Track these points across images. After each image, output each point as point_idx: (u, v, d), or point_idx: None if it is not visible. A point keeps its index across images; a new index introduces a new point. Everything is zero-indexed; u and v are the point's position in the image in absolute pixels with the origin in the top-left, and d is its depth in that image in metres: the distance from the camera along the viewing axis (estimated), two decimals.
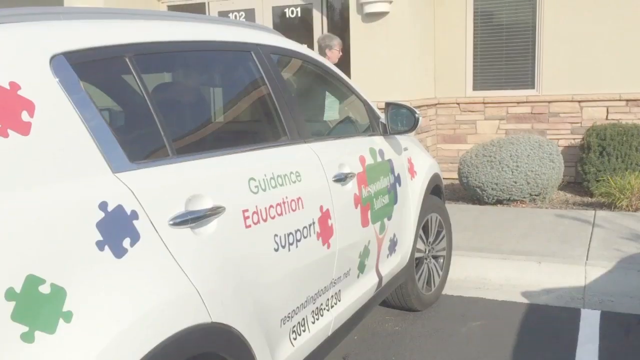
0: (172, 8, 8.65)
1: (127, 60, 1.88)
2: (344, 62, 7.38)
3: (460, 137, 7.75)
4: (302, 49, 3.04)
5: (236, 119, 2.71)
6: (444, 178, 4.44)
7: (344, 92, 3.44)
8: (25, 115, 1.48)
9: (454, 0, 7.53)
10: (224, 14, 8.39)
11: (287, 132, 2.56)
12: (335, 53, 5.89)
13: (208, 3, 8.45)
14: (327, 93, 3.74)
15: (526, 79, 7.42)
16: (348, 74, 7.00)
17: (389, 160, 3.35)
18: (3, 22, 1.61)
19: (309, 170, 2.53)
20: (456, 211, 5.77)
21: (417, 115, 3.34)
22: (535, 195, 6.14)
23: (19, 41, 1.58)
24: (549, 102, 7.23)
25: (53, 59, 1.63)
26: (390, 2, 6.67)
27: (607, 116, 7.05)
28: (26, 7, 1.73)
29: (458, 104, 7.69)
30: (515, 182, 6.01)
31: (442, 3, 7.60)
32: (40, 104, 1.53)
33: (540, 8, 7.18)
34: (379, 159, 3.21)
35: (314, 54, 3.18)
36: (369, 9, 6.69)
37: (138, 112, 1.95)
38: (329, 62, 3.31)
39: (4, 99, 1.46)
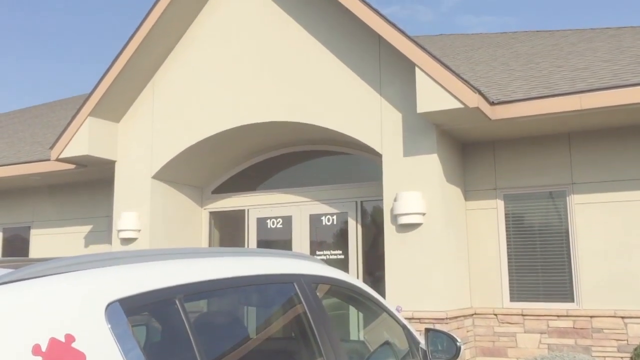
0: (214, 214, 9.08)
1: (177, 300, 1.93)
2: (378, 269, 7.44)
3: (500, 350, 7.44)
4: (342, 275, 3.09)
5: (278, 352, 2.68)
6: None
7: (384, 317, 3.41)
8: None
9: (486, 211, 7.73)
10: (262, 221, 8.74)
11: None
12: None
13: (248, 210, 8.86)
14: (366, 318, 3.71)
15: (565, 291, 7.27)
16: (382, 281, 7.01)
17: None
18: (66, 271, 1.70)
19: None
20: None
21: (458, 344, 3.26)
22: None
23: (80, 293, 1.65)
24: (591, 316, 7.00)
25: (109, 306, 1.68)
26: (424, 215, 6.89)
27: None
28: (88, 254, 1.84)
29: (496, 315, 7.51)
30: None
31: (474, 212, 7.80)
32: (90, 354, 1.55)
33: (571, 219, 7.26)
34: None
35: (353, 279, 3.23)
36: (403, 220, 6.90)
37: (182, 352, 1.95)
38: (368, 287, 3.34)
39: (59, 353, 1.48)
